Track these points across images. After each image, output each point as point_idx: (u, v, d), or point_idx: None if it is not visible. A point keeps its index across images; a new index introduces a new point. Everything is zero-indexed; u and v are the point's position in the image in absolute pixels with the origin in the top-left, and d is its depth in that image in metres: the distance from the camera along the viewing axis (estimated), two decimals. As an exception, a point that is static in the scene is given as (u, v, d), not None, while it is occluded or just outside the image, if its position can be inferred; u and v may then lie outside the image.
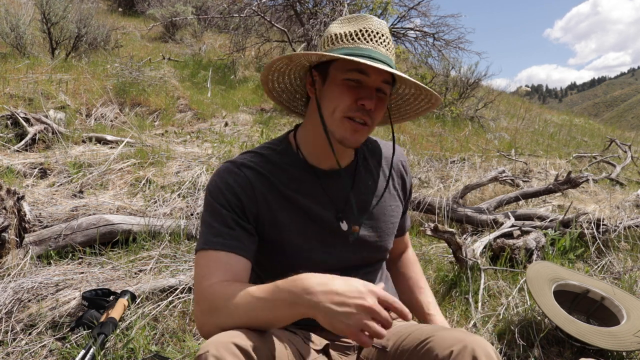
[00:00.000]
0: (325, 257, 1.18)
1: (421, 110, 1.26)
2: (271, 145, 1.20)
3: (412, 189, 1.36)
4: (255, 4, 8.05)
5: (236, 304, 0.95)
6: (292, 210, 1.15)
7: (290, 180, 1.15)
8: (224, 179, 1.11)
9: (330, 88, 1.09)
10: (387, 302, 0.88)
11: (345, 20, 1.14)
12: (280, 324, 0.95)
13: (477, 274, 2.37)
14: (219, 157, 3.86)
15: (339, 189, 1.19)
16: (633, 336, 1.76)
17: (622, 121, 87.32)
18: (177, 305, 2.10)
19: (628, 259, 2.71)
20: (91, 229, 2.55)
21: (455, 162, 4.86)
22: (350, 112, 1.06)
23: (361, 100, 1.05)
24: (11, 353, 1.79)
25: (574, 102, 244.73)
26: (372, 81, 1.06)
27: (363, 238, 1.22)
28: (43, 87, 5.15)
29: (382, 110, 1.10)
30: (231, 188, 1.09)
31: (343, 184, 1.20)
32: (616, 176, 4.79)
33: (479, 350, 0.93)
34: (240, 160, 1.15)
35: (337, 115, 1.07)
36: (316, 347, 1.18)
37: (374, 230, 1.23)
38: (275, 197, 1.13)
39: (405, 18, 8.88)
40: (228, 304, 0.95)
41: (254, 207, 1.11)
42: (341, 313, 0.85)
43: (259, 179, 1.12)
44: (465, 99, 8.24)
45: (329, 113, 1.09)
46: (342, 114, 1.07)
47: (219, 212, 1.08)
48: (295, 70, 1.18)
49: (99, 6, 11.49)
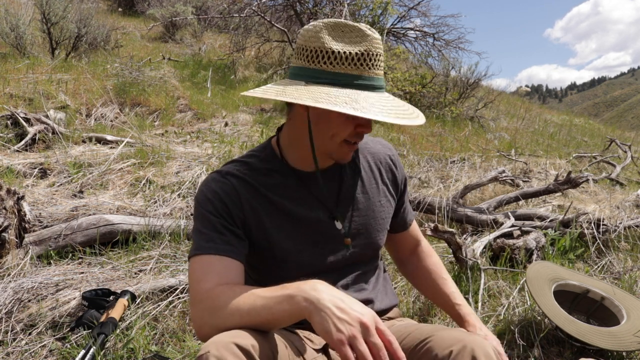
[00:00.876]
0: (315, 258, 1.19)
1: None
2: (255, 152, 1.22)
3: (406, 182, 1.35)
4: (255, 4, 8.06)
5: (237, 303, 0.95)
6: (279, 215, 1.16)
7: (275, 185, 1.16)
8: (211, 188, 1.13)
9: (328, 114, 1.04)
10: (384, 335, 0.86)
11: (340, 31, 1.03)
12: (279, 323, 0.95)
13: (477, 274, 2.37)
14: (219, 157, 3.86)
15: (327, 188, 1.20)
16: (633, 336, 1.75)
17: (622, 121, 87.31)
18: (177, 305, 2.11)
19: (628, 259, 2.71)
20: (91, 229, 2.55)
21: (455, 162, 4.86)
22: (350, 138, 1.09)
23: (361, 127, 1.07)
24: (11, 353, 1.79)
25: (574, 102, 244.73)
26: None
27: (353, 236, 1.22)
28: (43, 87, 5.15)
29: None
30: (218, 195, 1.11)
31: (329, 184, 1.21)
32: (616, 176, 4.79)
33: (478, 350, 0.93)
34: (226, 169, 1.17)
35: (336, 140, 1.09)
36: (316, 346, 1.18)
37: (363, 227, 1.24)
38: (261, 203, 1.15)
39: (405, 18, 8.90)
40: (229, 304, 0.95)
41: (241, 213, 1.13)
42: (338, 317, 0.85)
43: (244, 186, 1.14)
44: (465, 99, 8.25)
45: (327, 137, 1.09)
46: (341, 139, 1.09)
47: (208, 219, 1.10)
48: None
49: (99, 6, 11.49)
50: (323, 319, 0.86)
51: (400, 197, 1.35)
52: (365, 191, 1.25)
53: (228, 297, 0.96)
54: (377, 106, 0.99)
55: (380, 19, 8.03)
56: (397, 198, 1.34)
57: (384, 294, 1.30)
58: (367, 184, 1.26)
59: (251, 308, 0.94)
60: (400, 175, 1.33)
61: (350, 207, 1.22)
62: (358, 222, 1.23)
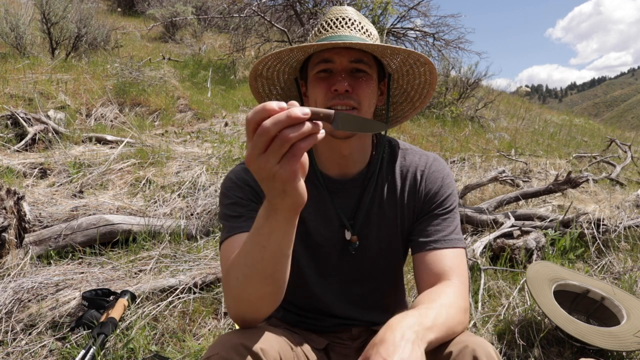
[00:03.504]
0: (325, 269, 1.19)
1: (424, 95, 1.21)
2: None
3: (431, 198, 1.16)
4: (255, 4, 8.06)
5: (234, 258, 0.91)
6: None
7: None
8: (239, 175, 1.13)
9: (310, 88, 1.09)
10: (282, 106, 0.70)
11: (321, 19, 1.15)
12: (270, 248, 0.85)
13: (477, 274, 2.37)
14: (219, 157, 3.86)
15: (347, 197, 1.17)
16: (633, 336, 1.75)
17: (622, 121, 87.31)
18: (177, 305, 2.10)
19: (628, 259, 2.71)
20: (91, 229, 2.55)
21: (455, 162, 4.86)
22: (328, 101, 1.04)
23: (333, 86, 1.04)
24: (11, 353, 1.79)
25: (574, 102, 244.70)
26: (339, 64, 1.04)
27: (364, 249, 1.18)
28: (43, 87, 5.15)
29: (365, 89, 1.05)
30: (246, 181, 1.11)
31: (351, 193, 1.17)
32: (616, 176, 4.79)
33: (479, 351, 0.92)
34: None
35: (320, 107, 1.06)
36: (317, 346, 1.18)
37: (375, 241, 1.19)
38: None
39: (405, 18, 8.88)
40: (231, 262, 0.93)
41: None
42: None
43: None
44: (465, 99, 8.25)
45: (314, 106, 1.07)
46: (323, 106, 1.04)
47: (238, 203, 1.09)
48: (285, 82, 1.19)
49: (99, 6, 11.49)
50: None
51: (420, 214, 1.17)
52: (383, 203, 1.18)
53: (231, 257, 0.92)
54: (323, 43, 1.01)
55: (380, 19, 8.03)
56: (417, 215, 1.18)
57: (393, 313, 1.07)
58: (387, 195, 1.18)
59: (246, 252, 0.88)
60: (422, 191, 1.16)
61: (364, 219, 1.17)
62: (371, 235, 1.18)
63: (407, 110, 1.27)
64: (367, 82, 1.06)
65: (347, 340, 1.25)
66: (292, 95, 1.24)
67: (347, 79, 1.03)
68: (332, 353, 1.22)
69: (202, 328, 2.02)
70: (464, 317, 1.00)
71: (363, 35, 1.08)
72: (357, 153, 1.15)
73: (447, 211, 1.15)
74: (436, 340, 0.89)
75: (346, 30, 1.07)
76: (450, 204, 1.16)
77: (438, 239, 1.11)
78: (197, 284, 2.22)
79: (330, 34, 1.08)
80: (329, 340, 1.23)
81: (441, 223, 1.13)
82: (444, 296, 0.99)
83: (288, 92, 1.23)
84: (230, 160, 3.83)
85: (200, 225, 2.85)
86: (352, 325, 1.24)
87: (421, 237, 1.13)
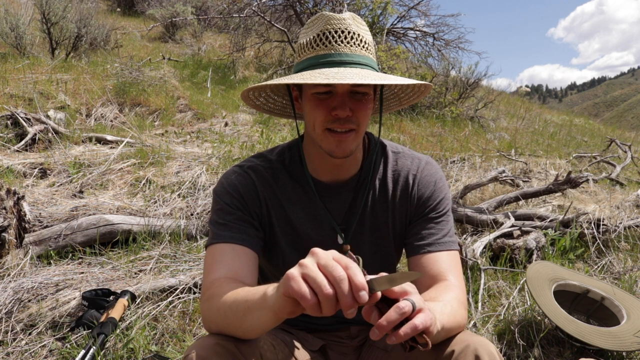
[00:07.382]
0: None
1: (414, 97, 1.21)
2: (282, 150, 1.20)
3: (424, 202, 1.17)
4: (255, 4, 8.05)
5: (225, 300, 0.93)
6: (287, 223, 1.16)
7: (290, 191, 1.16)
8: (231, 181, 1.14)
9: (305, 103, 1.07)
10: (340, 260, 0.75)
11: (309, 23, 1.08)
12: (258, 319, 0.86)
13: (477, 274, 2.37)
14: (219, 157, 3.86)
15: (339, 202, 1.17)
16: (633, 336, 1.75)
17: (622, 121, 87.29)
18: (177, 305, 2.10)
19: (628, 259, 2.71)
20: (91, 229, 2.55)
21: (455, 162, 4.86)
22: (328, 123, 1.03)
23: (334, 110, 1.01)
24: (11, 353, 1.79)
25: (574, 102, 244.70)
26: (340, 87, 1.01)
27: (354, 253, 1.18)
28: (43, 87, 5.15)
29: (364, 110, 1.05)
30: (236, 188, 1.12)
31: (343, 198, 1.17)
32: (616, 176, 4.79)
33: (481, 350, 0.92)
34: (248, 163, 1.17)
35: (317, 130, 1.05)
36: (312, 347, 1.18)
37: (368, 244, 1.19)
38: (274, 205, 1.15)
39: (405, 18, 8.88)
40: (221, 299, 0.94)
41: (257, 208, 1.13)
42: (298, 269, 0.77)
43: (263, 184, 1.14)
44: (465, 99, 8.25)
45: (311, 128, 1.07)
46: (322, 127, 1.04)
47: (225, 211, 1.10)
48: (277, 89, 1.18)
49: (99, 6, 11.49)
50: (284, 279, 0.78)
51: (414, 217, 1.18)
52: (375, 207, 1.18)
53: (223, 293, 0.94)
54: (330, 75, 0.96)
55: (380, 19, 8.03)
56: (410, 218, 1.19)
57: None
58: (378, 199, 1.18)
59: (234, 303, 0.90)
60: (415, 195, 1.17)
61: (355, 223, 1.17)
62: (363, 240, 1.19)
63: (393, 106, 1.29)
64: (366, 104, 1.05)
65: (345, 339, 1.25)
66: (286, 102, 1.24)
67: (348, 102, 1.02)
68: (330, 352, 1.22)
69: (202, 328, 2.02)
70: (465, 312, 1.04)
71: (362, 50, 1.04)
72: (350, 160, 1.15)
73: (440, 214, 1.16)
74: (446, 328, 0.92)
75: (346, 47, 1.02)
76: (444, 208, 1.17)
77: (432, 242, 1.13)
78: (197, 284, 2.22)
79: (329, 50, 1.02)
80: (327, 340, 1.23)
81: (435, 226, 1.15)
82: (445, 293, 1.02)
83: (277, 91, 1.21)
84: (230, 160, 3.83)
85: (200, 225, 2.85)
86: (350, 323, 1.24)
87: (416, 241, 1.15)
